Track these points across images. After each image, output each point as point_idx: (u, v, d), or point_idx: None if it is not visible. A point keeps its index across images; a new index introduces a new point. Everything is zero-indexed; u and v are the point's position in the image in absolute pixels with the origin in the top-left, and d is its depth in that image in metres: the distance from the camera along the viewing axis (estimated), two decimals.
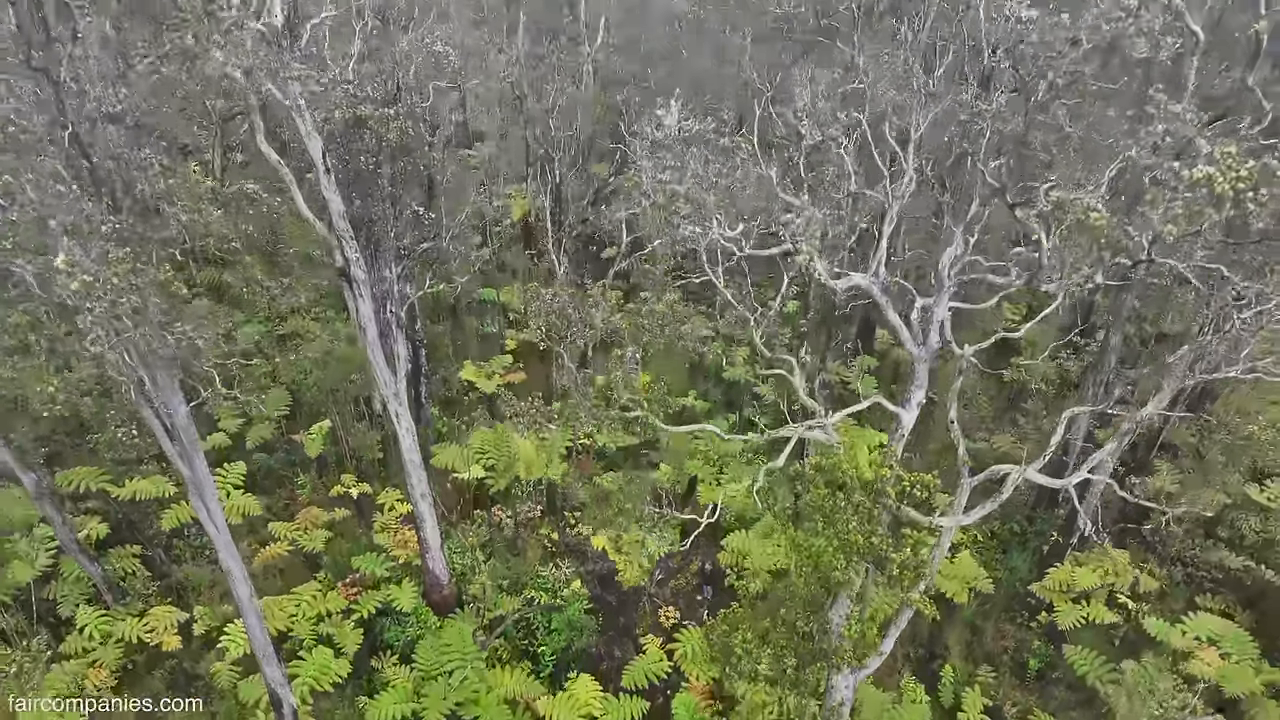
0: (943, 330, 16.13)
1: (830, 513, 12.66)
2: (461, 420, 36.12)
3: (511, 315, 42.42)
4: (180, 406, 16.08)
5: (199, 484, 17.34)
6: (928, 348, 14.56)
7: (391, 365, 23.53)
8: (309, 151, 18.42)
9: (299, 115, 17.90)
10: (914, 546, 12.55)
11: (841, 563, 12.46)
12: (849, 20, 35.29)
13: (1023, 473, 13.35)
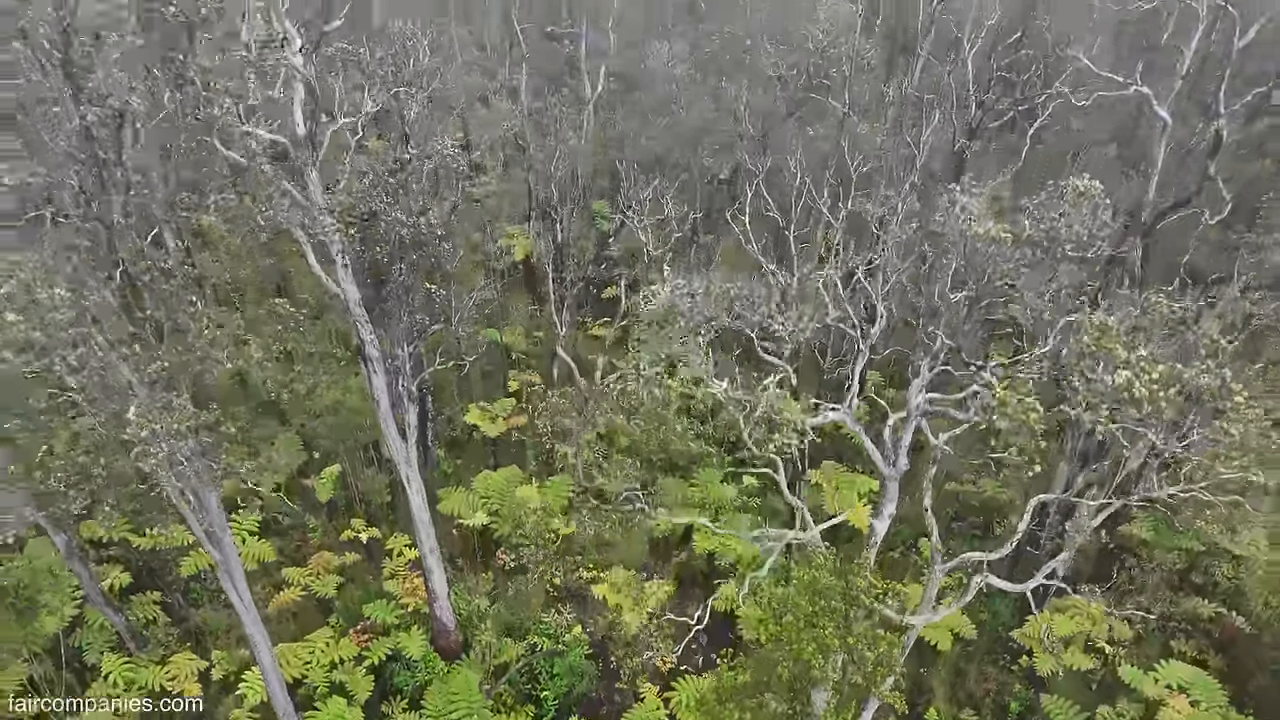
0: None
1: (811, 616, 13.96)
2: (467, 465, 37.46)
3: (514, 355, 43.69)
4: (212, 498, 17.42)
5: (228, 565, 18.64)
6: (897, 469, 15.89)
7: (403, 433, 24.83)
8: (328, 247, 19.81)
9: (321, 216, 19.30)
10: (887, 646, 13.85)
11: (820, 661, 13.75)
12: (840, 79, 36.64)
13: (985, 577, 14.66)
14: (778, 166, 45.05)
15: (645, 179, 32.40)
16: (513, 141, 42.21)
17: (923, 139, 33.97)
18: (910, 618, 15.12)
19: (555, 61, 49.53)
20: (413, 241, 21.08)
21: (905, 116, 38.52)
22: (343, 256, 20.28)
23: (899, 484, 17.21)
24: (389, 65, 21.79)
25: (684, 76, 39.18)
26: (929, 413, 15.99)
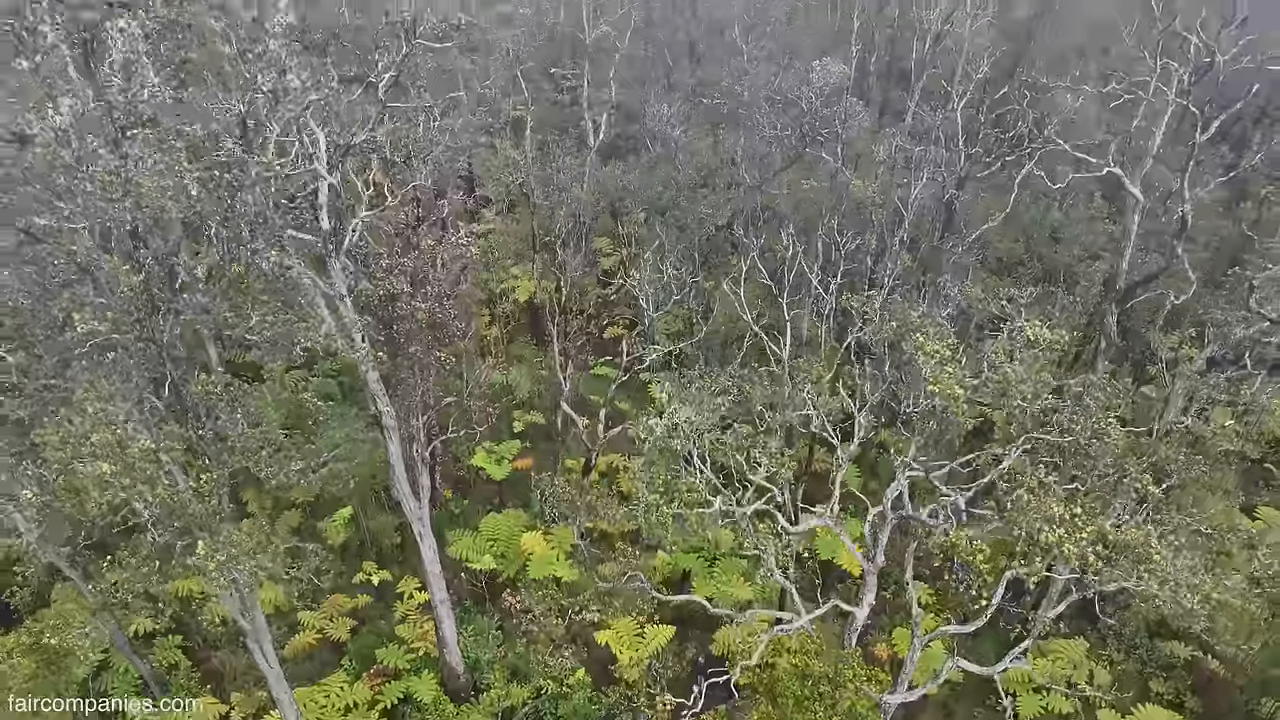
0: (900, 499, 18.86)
1: (800, 699, 15.35)
2: (474, 505, 38.89)
3: (517, 396, 45.07)
4: (244, 576, 18.82)
5: (258, 634, 20.04)
6: (875, 563, 17.31)
7: (416, 494, 26.25)
8: (349, 332, 21.28)
9: (342, 304, 20.80)
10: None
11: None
12: (833, 138, 38.16)
13: (955, 663, 16.07)
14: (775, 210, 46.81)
15: (644, 241, 33.95)
16: (517, 188, 43.71)
17: (911, 198, 35.44)
18: (889, 697, 16.52)
19: (559, 112, 51.18)
20: (429, 323, 22.51)
21: (895, 173, 40.03)
22: (363, 339, 21.72)
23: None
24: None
25: (682, 137, 40.70)
26: (904, 516, 17.43)
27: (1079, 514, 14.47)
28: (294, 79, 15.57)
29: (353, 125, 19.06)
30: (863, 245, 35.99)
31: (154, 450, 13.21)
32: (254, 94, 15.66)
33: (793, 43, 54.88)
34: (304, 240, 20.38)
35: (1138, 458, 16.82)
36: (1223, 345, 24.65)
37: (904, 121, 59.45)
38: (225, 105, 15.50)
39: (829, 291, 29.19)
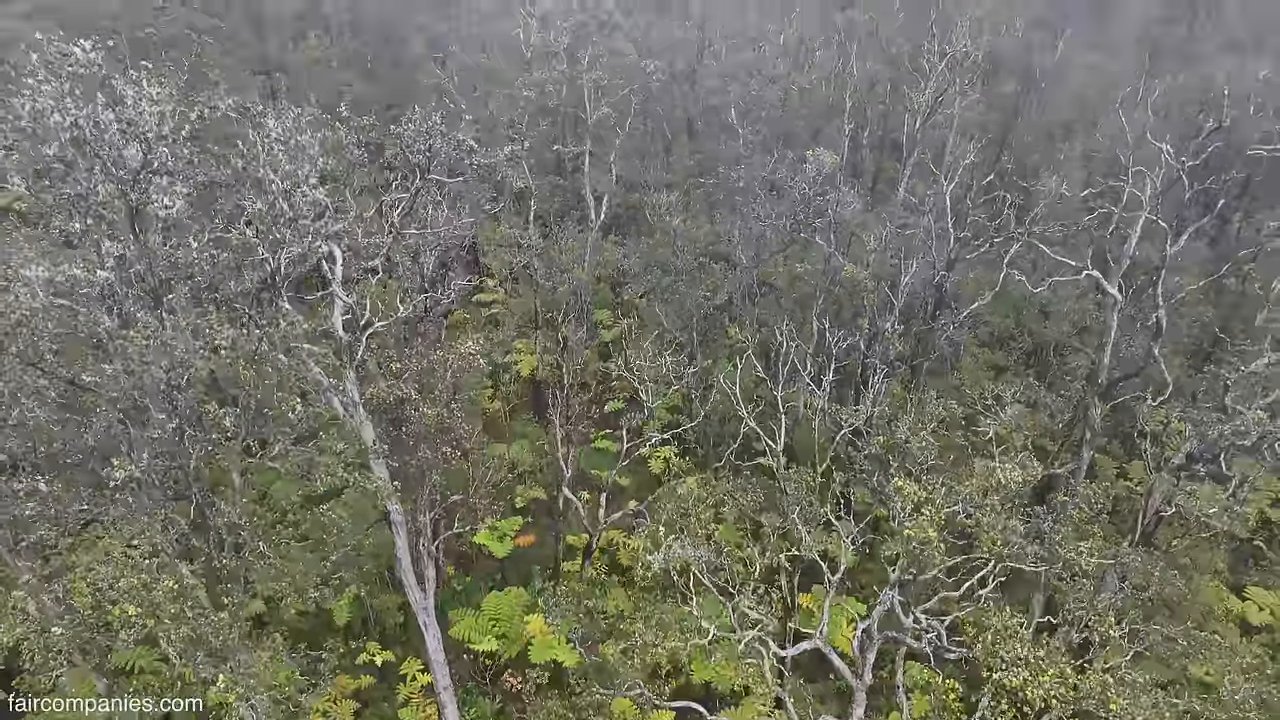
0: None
1: None
2: (476, 582, 39.46)
3: (519, 470, 45.89)
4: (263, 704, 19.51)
5: None
6: (863, 680, 18.09)
7: (422, 586, 27.01)
8: (360, 435, 22.26)
9: (354, 409, 21.82)
10: None
11: None
12: (826, 225, 39.57)
13: None
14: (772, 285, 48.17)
15: (644, 314, 35.07)
16: (520, 269, 45.11)
17: (902, 284, 36.69)
18: None
19: (561, 188, 52.88)
20: (437, 428, 23.52)
21: (887, 255, 41.42)
22: (375, 443, 22.71)
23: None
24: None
25: (680, 226, 42.22)
26: (890, 638, 18.24)
27: (1042, 656, 15.28)
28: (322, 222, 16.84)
29: (369, 249, 20.25)
30: (856, 330, 37.18)
31: (176, 590, 14.09)
32: (282, 230, 16.87)
33: (787, 126, 56.86)
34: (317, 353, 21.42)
35: (1118, 576, 17.59)
36: (1201, 442, 25.59)
37: (897, 194, 61.25)
38: (258, 250, 16.72)
39: (822, 386, 30.23)
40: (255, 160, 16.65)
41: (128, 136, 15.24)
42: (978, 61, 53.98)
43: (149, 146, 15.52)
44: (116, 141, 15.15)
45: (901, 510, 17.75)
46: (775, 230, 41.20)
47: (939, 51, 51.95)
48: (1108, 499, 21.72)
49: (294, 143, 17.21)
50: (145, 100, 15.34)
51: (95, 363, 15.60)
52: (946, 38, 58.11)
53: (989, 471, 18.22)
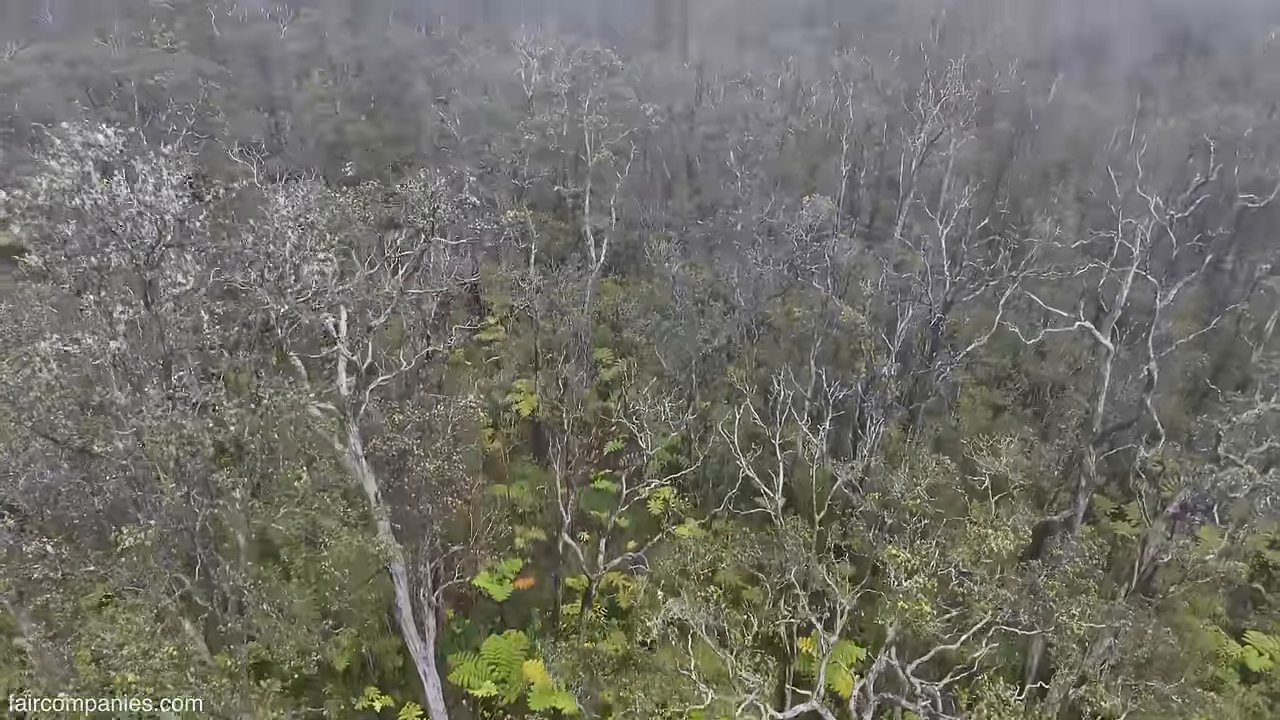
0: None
1: None
2: (476, 624, 39.49)
3: (520, 510, 46.04)
4: None
5: None
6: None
7: (422, 635, 27.15)
8: (364, 487, 22.53)
9: (358, 463, 22.12)
10: None
11: None
12: (822, 271, 40.13)
13: None
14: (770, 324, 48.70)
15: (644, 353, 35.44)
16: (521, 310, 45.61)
17: (898, 330, 37.13)
18: None
19: (562, 236, 53.59)
20: (438, 481, 23.80)
21: (883, 297, 41.95)
22: (376, 497, 23.00)
23: None
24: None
25: (679, 271, 42.81)
26: (886, 699, 18.44)
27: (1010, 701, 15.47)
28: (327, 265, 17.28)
29: (374, 307, 20.67)
30: (854, 373, 37.55)
31: (175, 657, 14.33)
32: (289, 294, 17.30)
33: (785, 169, 57.70)
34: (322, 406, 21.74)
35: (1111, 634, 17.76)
36: (1195, 491, 25.85)
37: (894, 233, 61.96)
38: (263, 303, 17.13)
39: (819, 435, 30.54)
40: (266, 237, 17.13)
41: (145, 216, 15.71)
42: (971, 105, 54.86)
43: (164, 224, 16.00)
44: (134, 219, 15.62)
45: (895, 578, 17.99)
46: (773, 274, 41.74)
47: (933, 96, 52.84)
48: (1102, 553, 21.91)
49: (304, 220, 17.72)
50: (165, 186, 15.85)
51: (106, 430, 15.98)
52: (941, 81, 59.20)
53: (981, 538, 18.48)
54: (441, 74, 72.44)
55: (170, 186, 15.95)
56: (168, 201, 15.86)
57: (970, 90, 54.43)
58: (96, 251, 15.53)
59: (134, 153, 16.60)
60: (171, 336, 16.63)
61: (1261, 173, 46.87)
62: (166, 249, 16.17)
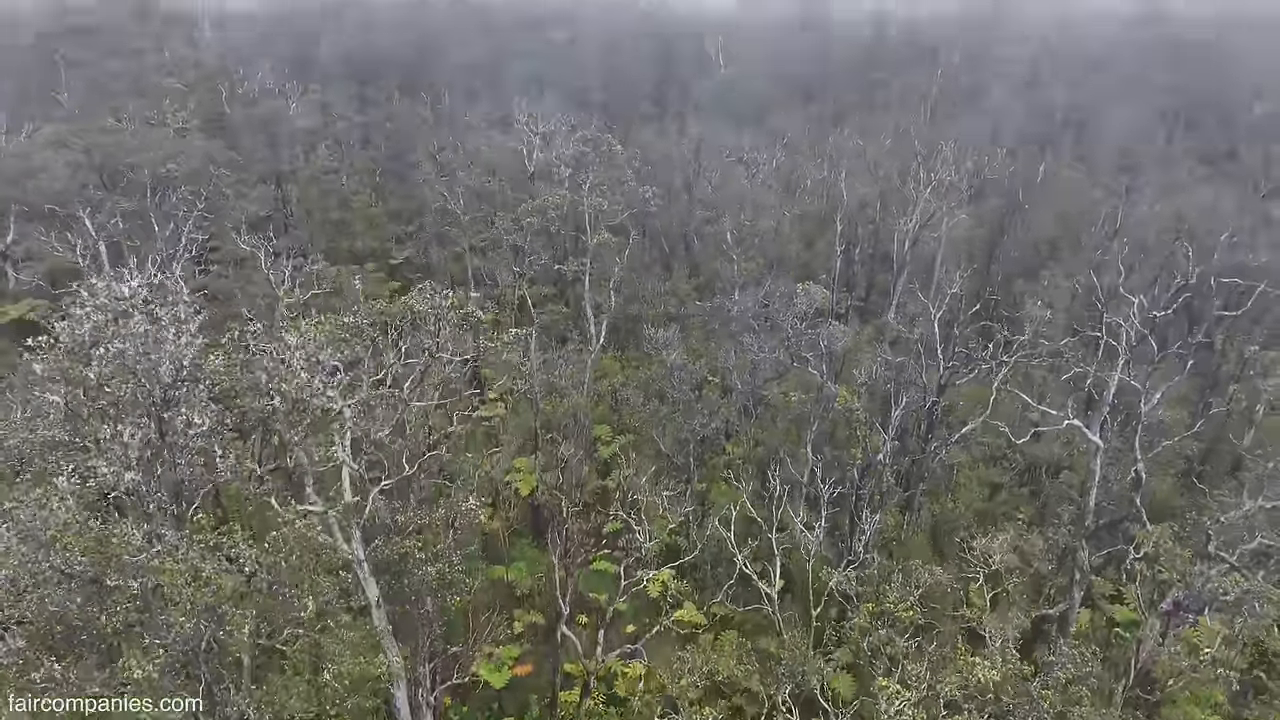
0: None
1: None
2: (473, 713, 39.20)
3: (518, 592, 46.01)
4: None
5: None
6: None
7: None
8: (365, 592, 22.83)
9: (360, 567, 22.48)
10: None
11: None
12: (818, 357, 40.90)
13: None
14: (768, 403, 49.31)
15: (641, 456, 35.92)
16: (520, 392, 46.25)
17: (894, 417, 37.70)
18: None
19: (561, 320, 54.59)
20: (439, 583, 24.12)
21: (880, 384, 42.62)
22: (378, 602, 23.29)
23: None
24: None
25: (678, 359, 43.65)
26: None
27: None
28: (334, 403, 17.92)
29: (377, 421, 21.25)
30: (850, 459, 38.03)
31: None
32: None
33: (780, 250, 59.00)
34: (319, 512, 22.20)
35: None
36: (1186, 590, 26.11)
37: (889, 310, 62.99)
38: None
39: (815, 527, 30.89)
40: (278, 375, 17.84)
41: (164, 360, 16.44)
42: (961, 188, 56.36)
43: (181, 366, 16.74)
44: (154, 364, 16.34)
45: (885, 708, 18.25)
46: (770, 359, 42.50)
47: (924, 179, 54.32)
48: (1096, 658, 22.10)
49: (314, 360, 18.47)
50: (185, 336, 16.63)
51: (118, 560, 16.45)
52: (932, 163, 60.88)
53: (970, 667, 18.77)
54: (446, 157, 74.42)
55: (189, 334, 16.72)
56: (185, 346, 16.60)
57: (960, 174, 55.96)
58: (115, 390, 16.21)
59: (157, 299, 17.39)
60: (185, 465, 17.24)
61: (1245, 258, 48.00)
62: (182, 383, 16.86)
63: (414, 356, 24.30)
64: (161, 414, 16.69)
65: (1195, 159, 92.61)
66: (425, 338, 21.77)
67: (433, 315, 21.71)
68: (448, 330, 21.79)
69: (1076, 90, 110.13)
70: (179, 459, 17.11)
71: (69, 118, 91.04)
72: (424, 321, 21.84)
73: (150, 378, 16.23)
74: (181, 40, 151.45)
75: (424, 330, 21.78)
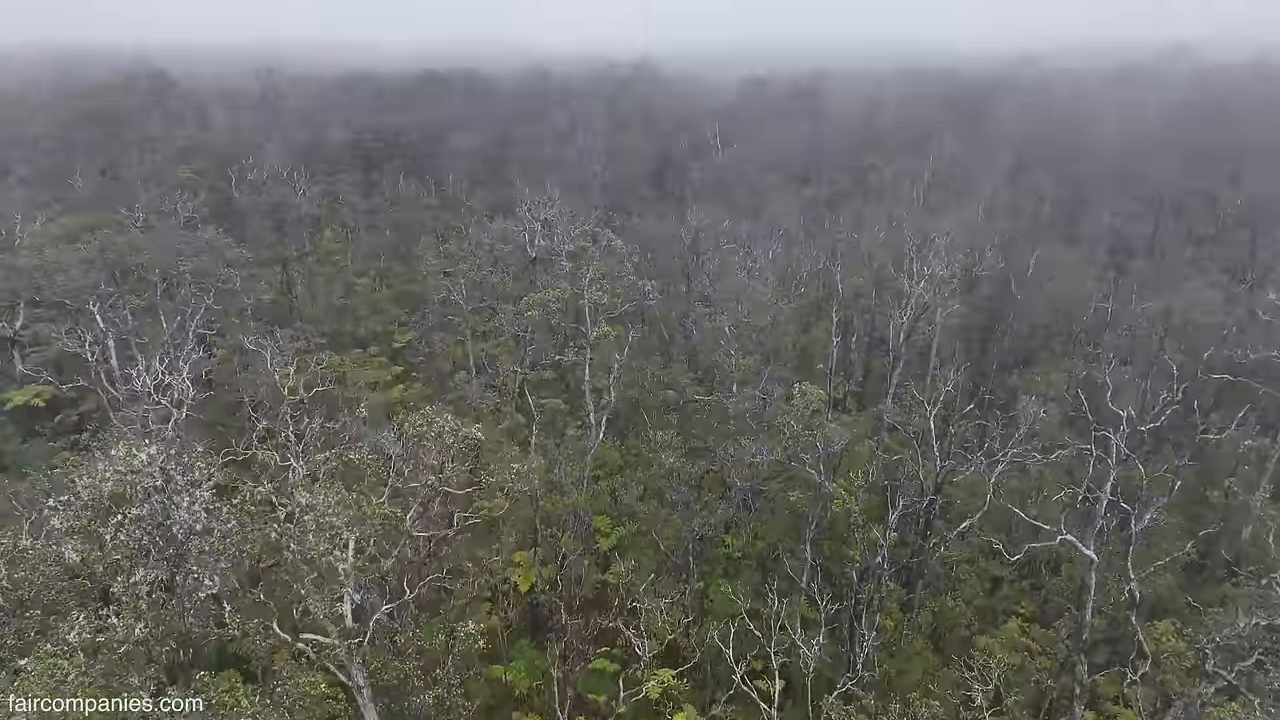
0: None
1: None
2: None
3: (518, 693, 45.49)
4: None
5: None
6: None
7: None
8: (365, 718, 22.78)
9: (359, 694, 22.53)
10: None
11: None
12: (815, 459, 41.39)
13: None
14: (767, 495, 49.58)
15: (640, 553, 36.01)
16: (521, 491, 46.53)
17: (890, 521, 37.98)
18: None
19: (560, 417, 55.26)
20: (438, 709, 24.12)
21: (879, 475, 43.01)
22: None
23: None
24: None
25: (676, 463, 44.21)
26: None
27: None
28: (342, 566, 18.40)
29: None
30: (849, 563, 38.20)
31: None
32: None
33: (777, 343, 60.03)
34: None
35: None
36: (1186, 709, 26.09)
37: (887, 399, 63.59)
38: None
39: (813, 648, 30.95)
40: (289, 534, 18.40)
41: (178, 522, 17.01)
42: (954, 282, 57.58)
43: (194, 530, 17.31)
44: (169, 525, 16.92)
45: None
46: (767, 460, 43.02)
47: (917, 274, 55.57)
48: None
49: (325, 522, 19.07)
50: (199, 504, 17.26)
51: None
52: (923, 255, 62.28)
53: None
54: (449, 249, 76.22)
55: (202, 504, 17.33)
56: (199, 508, 17.18)
57: (951, 268, 57.28)
58: (130, 543, 16.71)
59: (175, 467, 18.02)
60: (192, 620, 17.59)
61: (1234, 351, 48.88)
62: (194, 536, 17.37)
63: (415, 478, 24.96)
64: (174, 567, 17.12)
65: (1184, 239, 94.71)
66: (430, 475, 22.30)
67: (434, 446, 22.29)
68: (451, 463, 22.30)
69: (1065, 176, 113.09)
70: (188, 609, 17.47)
71: (84, 201, 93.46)
72: (425, 451, 22.40)
73: (165, 535, 16.73)
74: (193, 118, 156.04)
75: (428, 464, 22.31)
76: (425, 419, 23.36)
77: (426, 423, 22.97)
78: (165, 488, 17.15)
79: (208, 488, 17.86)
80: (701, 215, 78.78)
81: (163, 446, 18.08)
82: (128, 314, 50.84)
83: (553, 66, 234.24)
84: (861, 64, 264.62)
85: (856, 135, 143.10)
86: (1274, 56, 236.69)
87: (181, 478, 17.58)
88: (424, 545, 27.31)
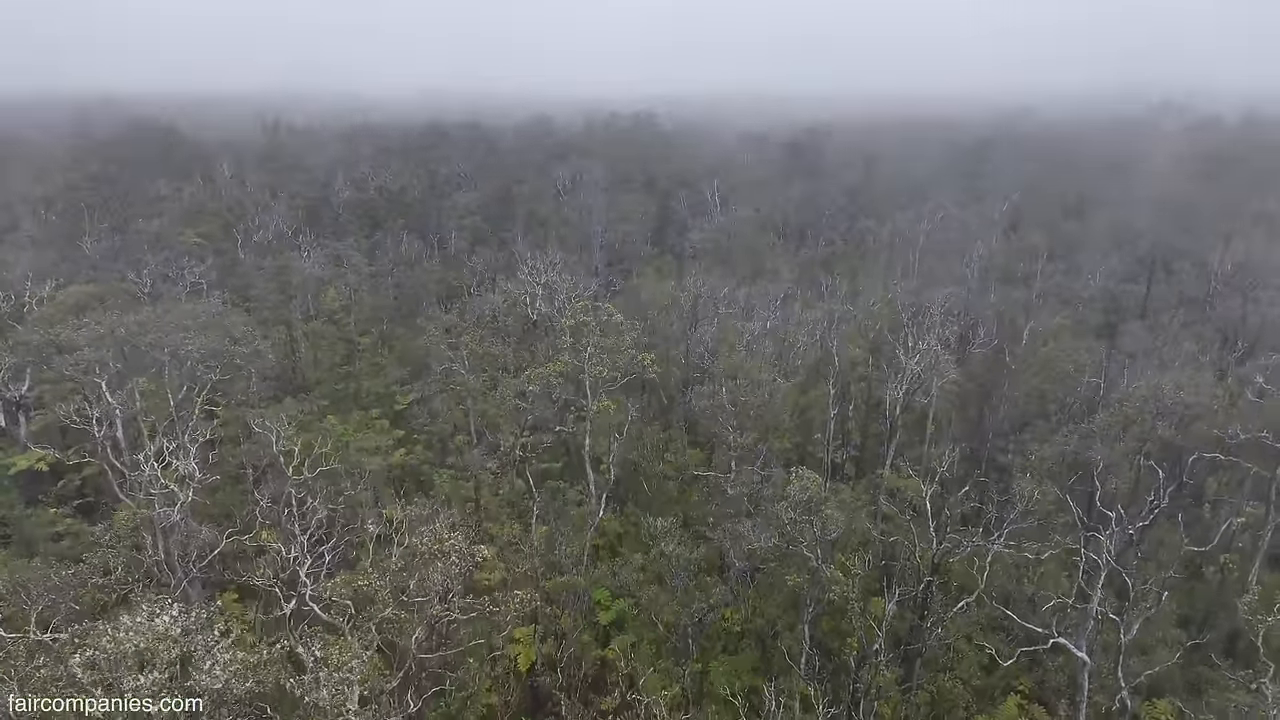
0: None
1: None
2: None
3: None
4: None
5: None
6: None
7: None
8: None
9: None
10: None
11: None
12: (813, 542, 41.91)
13: None
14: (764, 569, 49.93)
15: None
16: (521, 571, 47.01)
17: (887, 608, 38.39)
18: None
19: (560, 496, 55.93)
20: None
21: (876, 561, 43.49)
22: None
23: None
24: None
25: (675, 549, 44.77)
26: None
27: None
28: None
29: None
30: (846, 649, 38.52)
31: None
32: None
33: (774, 418, 60.86)
34: None
35: None
36: None
37: (884, 467, 64.16)
38: None
39: None
40: (302, 686, 19.06)
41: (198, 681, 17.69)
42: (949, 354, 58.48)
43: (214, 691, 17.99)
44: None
45: None
46: (765, 543, 43.53)
47: (911, 349, 56.52)
48: None
49: (336, 678, 19.75)
50: (219, 665, 17.94)
51: None
52: (919, 325, 63.35)
53: None
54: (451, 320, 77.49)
55: (223, 663, 18.02)
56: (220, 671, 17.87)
57: (945, 341, 58.22)
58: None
59: (198, 627, 18.75)
60: None
61: (1223, 429, 49.52)
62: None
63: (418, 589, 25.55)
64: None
65: (1176, 303, 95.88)
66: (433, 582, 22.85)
67: (442, 565, 22.91)
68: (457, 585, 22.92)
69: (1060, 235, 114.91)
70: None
71: (94, 267, 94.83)
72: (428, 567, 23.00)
73: (184, 692, 17.44)
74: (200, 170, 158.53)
75: (432, 575, 22.89)
76: (435, 538, 23.99)
77: (437, 542, 23.60)
78: (187, 653, 17.86)
79: (225, 646, 18.53)
80: (700, 281, 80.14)
81: (184, 607, 18.78)
82: (136, 392, 51.68)
83: (555, 113, 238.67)
84: (863, 115, 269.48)
85: (854, 192, 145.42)
86: (1265, 109, 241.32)
87: (202, 638, 18.29)
88: (426, 665, 27.80)
